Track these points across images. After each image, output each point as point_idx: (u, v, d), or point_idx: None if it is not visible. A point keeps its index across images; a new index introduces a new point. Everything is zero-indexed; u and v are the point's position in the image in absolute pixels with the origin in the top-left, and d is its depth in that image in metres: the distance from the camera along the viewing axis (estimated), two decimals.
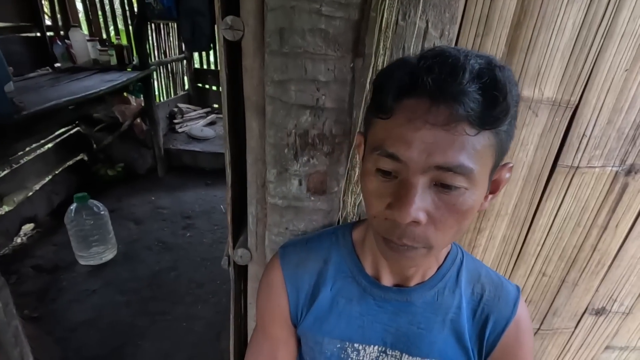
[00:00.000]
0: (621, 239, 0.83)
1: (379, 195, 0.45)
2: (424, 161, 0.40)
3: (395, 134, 0.41)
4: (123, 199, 2.98)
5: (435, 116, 0.39)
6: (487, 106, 0.38)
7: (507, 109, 0.39)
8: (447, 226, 0.44)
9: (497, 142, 0.42)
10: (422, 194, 0.41)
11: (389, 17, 0.55)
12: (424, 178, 0.41)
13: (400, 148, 0.41)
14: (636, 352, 1.04)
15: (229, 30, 0.63)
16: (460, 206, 0.42)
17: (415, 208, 0.41)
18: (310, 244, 0.64)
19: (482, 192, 0.44)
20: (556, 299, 0.91)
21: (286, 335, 0.64)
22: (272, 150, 0.66)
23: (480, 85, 0.38)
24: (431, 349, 0.57)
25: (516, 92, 0.42)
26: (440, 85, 0.38)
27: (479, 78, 0.38)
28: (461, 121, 0.39)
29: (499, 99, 0.38)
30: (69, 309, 1.91)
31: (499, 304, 0.57)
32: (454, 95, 0.38)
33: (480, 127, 0.39)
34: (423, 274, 0.57)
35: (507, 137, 0.43)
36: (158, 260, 2.31)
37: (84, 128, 3.11)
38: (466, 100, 0.38)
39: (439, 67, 0.39)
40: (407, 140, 0.40)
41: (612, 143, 0.72)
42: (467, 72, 0.38)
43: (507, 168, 0.49)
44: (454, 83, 0.38)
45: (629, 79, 0.66)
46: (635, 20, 0.62)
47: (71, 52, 2.83)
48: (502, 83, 0.38)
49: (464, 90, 0.38)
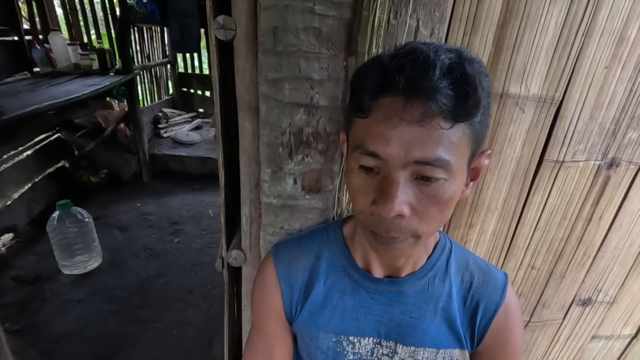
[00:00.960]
0: (604, 231, 0.86)
1: (364, 192, 0.46)
2: (403, 157, 0.42)
3: (374, 132, 0.43)
4: (107, 206, 2.91)
5: (410, 113, 0.41)
6: (459, 100, 0.40)
7: (478, 102, 0.41)
8: (430, 216, 0.45)
9: (471, 132, 0.44)
10: (404, 188, 0.43)
11: (381, 15, 0.56)
12: (404, 173, 0.43)
13: (379, 146, 0.42)
14: (620, 340, 1.08)
15: (221, 30, 0.63)
16: (441, 196, 0.44)
17: (399, 202, 0.43)
18: (302, 241, 0.65)
19: (461, 181, 0.46)
20: (545, 291, 0.93)
21: (282, 332, 0.64)
22: (267, 150, 0.66)
23: (451, 80, 0.40)
24: (424, 337, 0.58)
25: (487, 83, 0.43)
26: (413, 84, 0.40)
27: (449, 73, 0.40)
28: (435, 116, 0.40)
29: (470, 93, 0.40)
30: (53, 320, 1.85)
31: (488, 290, 0.59)
32: (426, 92, 0.40)
33: (454, 121, 0.41)
34: (413, 265, 0.58)
35: (481, 127, 0.45)
36: (146, 267, 2.26)
37: (65, 134, 3.03)
38: (438, 97, 0.39)
39: (410, 66, 0.40)
40: (385, 137, 0.42)
41: (595, 137, 0.74)
42: (437, 68, 0.39)
43: (486, 155, 0.51)
44: (425, 81, 0.39)
45: (608, 75, 0.69)
46: (613, 19, 0.64)
47: (51, 57, 2.76)
48: (472, 77, 0.40)
49: (436, 87, 0.39)
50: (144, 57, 3.97)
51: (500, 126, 0.70)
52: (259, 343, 0.65)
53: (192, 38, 1.96)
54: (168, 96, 4.58)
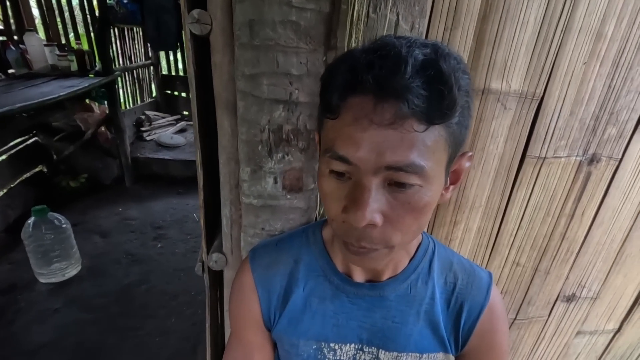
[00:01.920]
0: (587, 227, 0.87)
1: (335, 198, 0.44)
2: (374, 162, 0.39)
3: (343, 134, 0.40)
4: (87, 212, 2.82)
5: (380, 115, 0.38)
6: (433, 101, 0.37)
7: (454, 102, 0.38)
8: (404, 225, 0.43)
9: (448, 135, 0.41)
10: (376, 195, 0.40)
11: (360, 9, 0.55)
12: (376, 179, 0.40)
13: (349, 150, 0.39)
14: (604, 335, 1.09)
15: (196, 24, 0.61)
16: (415, 204, 0.41)
17: (370, 210, 0.40)
18: (281, 244, 0.63)
19: (438, 187, 0.43)
20: (530, 288, 0.93)
21: (260, 340, 0.62)
22: (245, 148, 0.64)
23: (425, 78, 0.37)
24: (407, 342, 0.56)
25: (465, 81, 0.40)
26: (382, 83, 0.37)
27: (422, 71, 0.37)
28: (408, 118, 0.37)
29: (445, 93, 0.37)
30: (29, 331, 1.77)
31: (472, 291, 0.57)
32: (397, 91, 0.36)
33: (429, 123, 0.38)
34: (394, 268, 0.57)
35: (459, 128, 0.42)
36: (127, 274, 2.19)
37: (43, 138, 2.92)
38: (410, 97, 0.36)
39: (380, 62, 0.37)
40: (355, 141, 0.39)
41: (575, 133, 0.75)
42: (409, 65, 0.36)
43: (467, 157, 0.48)
44: (395, 78, 0.36)
45: (587, 71, 0.69)
46: (590, 16, 0.65)
47: (26, 58, 2.67)
48: (447, 74, 0.37)
49: (407, 86, 0.36)
50: (125, 59, 3.89)
51: (483, 122, 0.70)
52: (238, 350, 0.63)
53: (170, 35, 1.91)
54: (151, 98, 4.49)
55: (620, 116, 0.74)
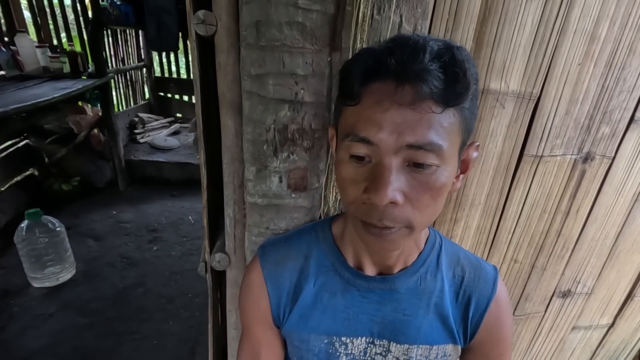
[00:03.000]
0: (582, 223, 0.89)
1: (355, 182, 0.45)
2: (394, 141, 0.41)
3: (364, 117, 0.43)
4: (80, 215, 2.78)
5: (401, 96, 0.41)
6: (449, 83, 0.40)
7: (468, 85, 0.41)
8: (423, 204, 0.45)
9: (461, 119, 0.44)
10: (397, 174, 0.43)
11: (365, 11, 0.56)
12: (396, 159, 0.42)
13: (371, 131, 0.42)
14: (598, 330, 1.12)
15: (201, 25, 0.61)
16: (433, 183, 0.44)
17: (392, 189, 0.42)
18: (290, 241, 0.63)
19: (453, 170, 0.46)
20: (527, 284, 0.95)
21: (269, 337, 0.62)
22: (251, 147, 0.64)
23: (441, 63, 0.40)
24: (418, 334, 0.57)
25: (475, 71, 0.44)
26: (404, 66, 0.40)
27: (439, 57, 0.40)
28: (426, 99, 0.40)
29: (460, 75, 0.40)
30: (22, 336, 1.74)
31: (479, 284, 0.59)
32: (417, 74, 0.40)
33: (445, 104, 0.41)
34: (405, 261, 0.58)
35: (470, 114, 0.45)
36: (122, 277, 2.17)
37: (34, 140, 2.88)
38: (429, 78, 0.39)
39: (401, 49, 0.41)
40: (376, 122, 0.42)
41: (571, 132, 0.77)
42: (427, 52, 0.40)
43: (474, 147, 0.51)
44: (415, 62, 0.40)
45: (581, 72, 0.72)
46: (585, 18, 0.67)
47: (18, 59, 2.63)
48: (460, 60, 0.40)
49: (426, 69, 0.39)
50: (118, 61, 3.85)
51: (482, 121, 0.72)
52: (247, 347, 0.64)
53: (170, 36, 1.91)
54: (144, 101, 4.46)
55: (613, 115, 0.77)
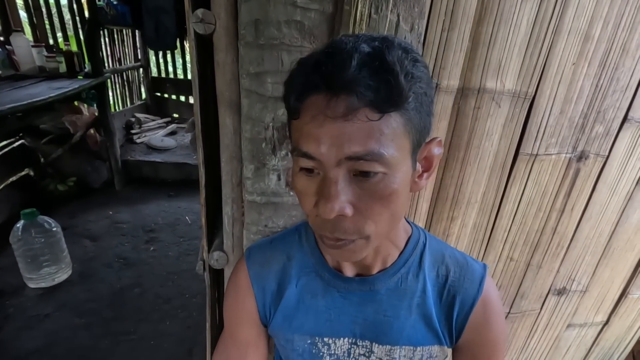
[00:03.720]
0: (576, 221, 0.90)
1: (307, 194, 0.45)
2: (334, 154, 0.40)
3: (304, 132, 0.42)
4: (76, 215, 2.77)
5: (334, 109, 0.39)
6: (381, 90, 0.38)
7: (401, 89, 0.39)
8: (375, 213, 0.44)
9: (406, 121, 0.41)
10: (344, 186, 0.42)
11: (363, 10, 0.57)
12: (341, 170, 0.41)
13: (310, 146, 0.41)
14: (593, 327, 1.13)
15: (199, 24, 0.62)
16: (382, 192, 0.42)
17: (338, 202, 0.41)
18: (275, 242, 0.64)
19: (404, 174, 0.44)
20: (523, 282, 0.96)
21: (254, 337, 0.63)
22: (249, 145, 0.65)
23: (371, 70, 0.38)
24: (400, 335, 0.57)
25: (419, 69, 0.41)
26: (332, 78, 0.39)
27: (368, 63, 0.38)
28: (360, 109, 0.39)
29: (391, 81, 0.38)
30: (18, 337, 1.73)
31: (465, 284, 0.57)
32: (345, 85, 0.38)
33: (381, 111, 0.39)
34: (383, 261, 0.57)
35: (418, 114, 0.43)
36: (119, 278, 2.16)
37: (30, 140, 2.87)
38: (358, 89, 0.38)
39: (327, 60, 0.39)
40: (315, 137, 0.41)
41: (565, 131, 0.78)
42: (355, 59, 0.38)
43: (436, 142, 0.49)
44: (342, 73, 0.38)
45: (576, 72, 0.73)
46: (579, 18, 0.68)
47: (13, 59, 2.61)
48: (391, 63, 0.38)
49: (355, 79, 0.38)
50: (114, 61, 3.84)
51: (478, 121, 0.72)
52: (231, 349, 0.64)
53: (168, 34, 1.91)
54: (141, 101, 4.45)
55: (607, 115, 0.78)
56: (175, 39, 2.04)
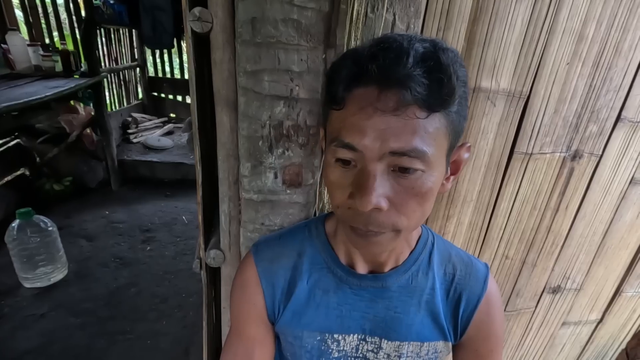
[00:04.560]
0: (571, 220, 0.91)
1: (341, 186, 0.46)
2: (378, 148, 0.41)
3: (349, 123, 0.42)
4: (72, 215, 2.75)
5: (384, 103, 0.40)
6: (434, 88, 0.39)
7: (453, 90, 0.40)
8: (409, 209, 0.45)
9: (448, 123, 0.43)
10: (381, 180, 0.43)
11: (359, 9, 0.57)
12: (381, 165, 0.42)
13: (355, 137, 0.42)
14: (588, 325, 1.14)
15: (197, 22, 0.62)
16: (419, 188, 0.44)
17: (376, 195, 0.42)
18: (284, 238, 0.64)
19: (440, 174, 0.45)
20: (518, 280, 0.97)
21: (262, 334, 0.62)
22: (246, 143, 0.65)
23: (425, 68, 0.39)
24: (409, 331, 0.58)
25: (462, 73, 0.43)
26: (386, 72, 0.40)
27: (423, 62, 0.39)
28: (410, 105, 0.40)
29: (444, 81, 0.39)
30: (13, 337, 1.72)
31: (470, 282, 0.59)
32: (399, 80, 0.39)
33: (430, 110, 0.40)
34: (396, 259, 0.58)
35: (458, 117, 0.44)
36: (115, 277, 2.15)
37: (25, 140, 2.85)
38: (412, 85, 0.39)
39: (383, 54, 0.40)
40: (360, 128, 0.41)
41: (559, 130, 0.79)
42: (411, 56, 0.39)
43: (465, 148, 0.51)
44: (398, 68, 0.39)
45: (570, 71, 0.73)
46: (573, 18, 0.69)
47: (9, 58, 2.60)
48: (445, 65, 0.40)
49: (409, 75, 0.39)
50: (111, 60, 3.82)
51: (474, 119, 0.73)
52: (239, 346, 0.63)
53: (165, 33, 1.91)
54: (137, 101, 4.43)
55: (601, 114, 0.79)
56: (173, 38, 2.04)
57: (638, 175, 0.89)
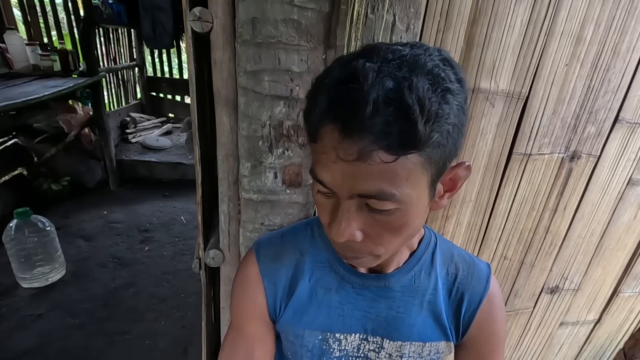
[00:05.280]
0: (569, 221, 0.91)
1: (323, 210, 0.46)
2: (347, 189, 0.41)
3: (320, 161, 0.42)
4: (70, 215, 2.75)
5: (346, 150, 0.38)
6: (399, 135, 0.36)
7: (419, 136, 0.36)
8: (384, 240, 0.45)
9: (425, 160, 0.39)
10: (356, 215, 0.42)
11: (359, 9, 0.57)
12: (354, 201, 0.42)
13: (325, 176, 0.42)
14: (585, 325, 1.14)
15: (197, 22, 0.62)
16: (393, 223, 0.43)
17: (349, 230, 0.42)
18: (285, 237, 0.63)
19: (418, 206, 0.43)
20: (517, 280, 0.97)
21: (263, 332, 0.62)
22: (246, 143, 0.65)
23: (387, 114, 0.36)
24: (411, 331, 0.58)
25: (447, 102, 0.38)
26: (345, 122, 0.37)
27: (385, 106, 0.36)
28: (375, 151, 0.37)
29: (407, 130, 0.36)
30: (10, 337, 1.71)
31: (472, 282, 0.59)
32: (359, 128, 0.36)
33: (397, 154, 0.37)
34: (398, 261, 0.58)
35: (442, 150, 0.40)
36: (113, 278, 2.15)
37: (23, 139, 2.84)
38: (375, 131, 0.36)
39: (345, 99, 0.37)
40: (328, 169, 0.41)
41: (558, 131, 0.79)
42: (370, 103, 0.35)
43: (464, 167, 0.47)
44: (355, 118, 0.36)
45: (568, 73, 0.74)
46: (571, 20, 0.69)
47: (7, 57, 2.59)
48: (411, 108, 0.35)
49: (369, 124, 0.36)
50: (110, 60, 3.82)
51: (473, 120, 0.73)
52: (239, 343, 0.63)
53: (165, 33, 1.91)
54: (136, 100, 4.42)
55: (599, 115, 0.79)
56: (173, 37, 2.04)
57: (635, 176, 0.89)
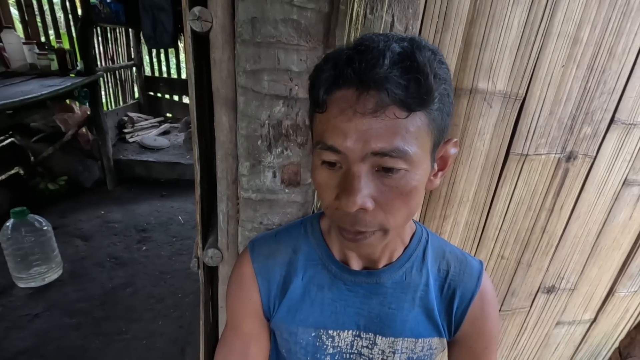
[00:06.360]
0: (565, 221, 0.92)
1: (328, 187, 0.46)
2: (360, 149, 0.42)
3: (331, 126, 0.43)
4: (67, 215, 2.74)
5: (363, 105, 0.40)
6: (411, 88, 0.40)
7: (431, 89, 0.40)
8: (395, 208, 0.45)
9: (430, 121, 0.43)
10: (366, 181, 0.43)
11: (358, 10, 0.58)
12: (365, 165, 0.43)
13: (337, 139, 0.42)
14: (581, 325, 1.15)
15: (197, 22, 0.62)
16: (403, 187, 0.44)
17: (361, 196, 0.43)
18: (279, 235, 0.64)
19: (424, 171, 0.46)
20: (514, 280, 0.98)
21: (258, 330, 0.63)
22: (245, 143, 0.65)
23: (402, 69, 0.40)
24: (403, 327, 0.59)
25: (443, 71, 0.43)
26: (362, 75, 0.40)
27: (400, 62, 0.40)
28: (389, 106, 0.40)
29: (421, 80, 0.40)
30: (6, 337, 1.70)
31: (464, 278, 0.60)
32: (377, 82, 0.39)
33: (409, 110, 0.41)
34: (390, 256, 0.59)
35: (440, 115, 0.44)
36: (111, 277, 2.14)
37: (20, 138, 2.83)
38: (389, 86, 0.39)
39: (360, 57, 0.40)
40: (342, 131, 0.42)
41: (554, 132, 0.80)
42: (387, 58, 0.39)
43: (452, 143, 0.51)
44: (374, 71, 0.39)
45: (565, 74, 0.75)
46: (568, 22, 0.70)
47: (4, 56, 2.58)
48: (422, 64, 0.40)
49: (386, 76, 0.39)
50: (107, 59, 3.81)
51: (471, 120, 0.74)
52: (234, 341, 0.64)
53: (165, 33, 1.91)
54: (134, 100, 4.41)
55: (595, 116, 0.80)
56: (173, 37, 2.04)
57: (631, 177, 0.90)
